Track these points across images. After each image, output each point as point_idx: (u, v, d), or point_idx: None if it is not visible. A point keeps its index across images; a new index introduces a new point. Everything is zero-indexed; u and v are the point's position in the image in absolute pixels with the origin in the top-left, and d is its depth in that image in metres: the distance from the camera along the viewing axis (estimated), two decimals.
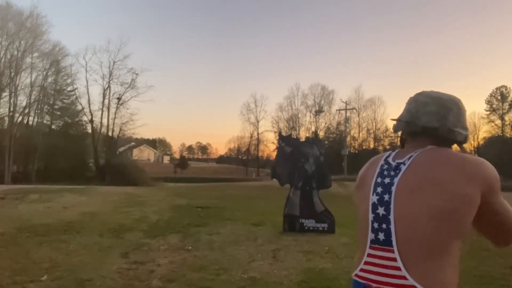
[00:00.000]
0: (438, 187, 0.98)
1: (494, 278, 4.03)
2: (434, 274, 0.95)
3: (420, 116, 1.13)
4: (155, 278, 3.83)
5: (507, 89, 45.72)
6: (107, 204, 9.88)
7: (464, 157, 1.04)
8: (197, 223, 7.28)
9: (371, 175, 1.16)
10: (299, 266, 4.39)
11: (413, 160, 1.07)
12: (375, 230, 1.06)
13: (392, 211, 1.03)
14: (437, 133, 1.12)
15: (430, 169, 1.02)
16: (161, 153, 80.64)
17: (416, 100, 1.18)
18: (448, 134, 1.12)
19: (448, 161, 1.03)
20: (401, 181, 1.05)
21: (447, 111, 1.13)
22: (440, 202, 0.97)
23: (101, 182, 25.30)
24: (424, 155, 1.07)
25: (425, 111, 1.13)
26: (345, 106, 44.50)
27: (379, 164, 1.17)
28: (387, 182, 1.08)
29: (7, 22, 29.99)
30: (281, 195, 7.90)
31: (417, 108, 1.15)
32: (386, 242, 1.02)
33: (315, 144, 7.14)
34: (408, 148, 1.15)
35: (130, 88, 35.70)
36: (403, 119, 1.18)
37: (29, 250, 4.78)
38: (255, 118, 56.32)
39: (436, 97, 1.16)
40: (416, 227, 0.98)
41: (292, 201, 6.71)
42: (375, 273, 1.02)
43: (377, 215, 1.06)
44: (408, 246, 0.98)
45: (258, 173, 54.38)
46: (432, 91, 1.20)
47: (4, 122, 31.93)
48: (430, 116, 1.12)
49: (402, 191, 1.03)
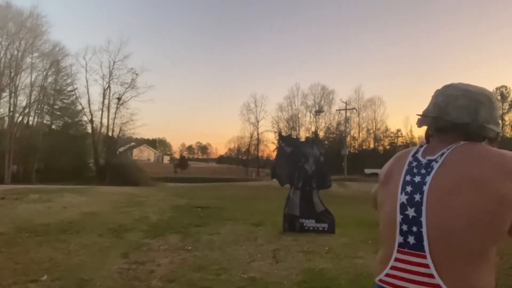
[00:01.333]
0: (476, 187, 0.90)
1: None
2: (471, 282, 0.89)
3: (450, 111, 1.05)
4: (155, 278, 3.83)
5: (507, 89, 45.77)
6: (107, 204, 9.87)
7: (502, 152, 0.96)
8: (197, 223, 7.28)
9: (398, 172, 1.08)
10: (299, 266, 4.38)
11: (446, 157, 1.00)
12: (404, 233, 0.98)
13: (425, 214, 0.95)
14: (467, 129, 1.04)
15: (466, 167, 0.94)
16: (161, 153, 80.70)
17: (445, 93, 1.10)
18: (480, 131, 1.04)
19: (484, 158, 0.95)
20: (434, 180, 0.97)
21: (479, 105, 1.05)
22: (480, 203, 0.89)
23: (101, 182, 25.31)
24: (457, 152, 0.99)
25: (455, 105, 1.05)
26: (345, 106, 44.56)
27: (407, 160, 1.09)
28: (417, 181, 1.00)
29: (7, 22, 30.01)
30: (281, 195, 7.90)
31: (446, 102, 1.07)
32: (416, 246, 0.95)
33: (315, 144, 7.14)
34: (437, 144, 1.07)
35: (130, 88, 35.85)
36: (430, 114, 1.10)
37: (29, 250, 4.77)
38: (255, 118, 56.49)
39: (466, 89, 1.07)
40: (453, 232, 0.90)
41: (292, 201, 6.71)
42: (404, 280, 0.95)
43: (407, 216, 0.98)
44: (443, 252, 0.91)
45: (258, 173, 54.39)
46: (462, 83, 1.11)
47: (4, 122, 31.96)
48: (461, 111, 1.04)
49: (436, 191, 0.95)
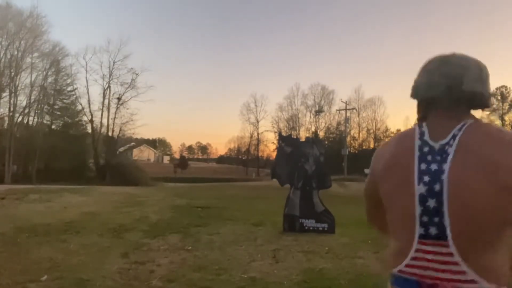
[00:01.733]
0: (494, 171, 0.88)
1: None
2: (492, 265, 0.90)
3: (466, 80, 1.01)
4: (155, 278, 3.83)
5: (507, 89, 45.77)
6: (107, 204, 9.87)
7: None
8: (197, 223, 7.28)
9: (407, 160, 1.01)
10: (299, 266, 4.39)
11: (460, 140, 0.95)
12: (424, 224, 0.95)
13: (446, 204, 0.92)
14: (480, 100, 1.03)
15: (482, 151, 0.91)
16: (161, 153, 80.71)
17: (453, 62, 1.05)
18: (488, 101, 1.04)
19: (500, 139, 0.93)
20: (452, 168, 0.93)
21: (487, 75, 1.04)
22: (498, 189, 0.87)
23: (101, 182, 25.31)
24: (471, 133, 0.96)
25: (469, 74, 1.02)
26: (345, 106, 44.56)
27: (415, 145, 1.02)
28: (434, 169, 0.95)
29: (7, 22, 29.99)
30: (281, 195, 7.90)
31: (458, 72, 1.02)
32: (439, 236, 0.93)
33: (315, 144, 7.14)
34: (444, 122, 1.02)
35: (130, 88, 35.80)
36: (441, 85, 1.03)
37: (29, 250, 4.78)
38: (255, 118, 56.45)
39: (473, 59, 1.06)
40: (476, 220, 0.89)
41: (292, 201, 6.71)
42: (429, 269, 0.94)
43: (427, 208, 0.95)
44: (466, 240, 0.90)
45: (258, 173, 54.40)
46: (459, 53, 1.08)
47: (4, 122, 31.94)
48: (475, 80, 1.02)
49: (455, 180, 0.92)
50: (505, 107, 45.83)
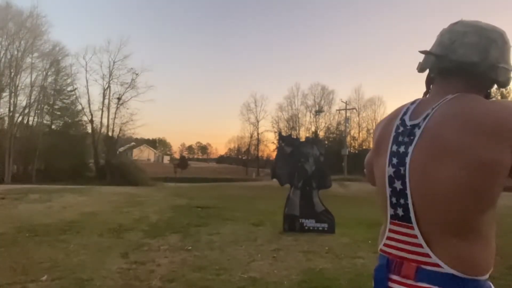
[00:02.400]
0: (455, 155, 0.84)
1: (493, 278, 3.97)
2: (460, 252, 0.87)
3: (456, 48, 0.94)
4: (155, 278, 3.83)
5: (507, 89, 45.76)
6: (107, 204, 9.87)
7: (488, 108, 0.86)
8: (197, 223, 7.28)
9: (386, 141, 1.00)
10: (299, 266, 4.39)
11: (428, 121, 0.91)
12: (393, 205, 0.96)
13: (408, 186, 0.92)
14: (476, 70, 0.93)
15: (445, 132, 0.87)
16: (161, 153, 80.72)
17: (452, 30, 0.98)
18: (490, 71, 0.93)
19: (467, 118, 0.85)
20: (416, 151, 0.91)
21: (490, 42, 0.93)
22: (459, 173, 0.83)
23: (101, 182, 25.30)
24: (440, 113, 0.90)
25: (463, 42, 0.94)
26: (345, 106, 44.55)
27: (395, 124, 1.00)
28: (401, 152, 0.94)
29: (7, 22, 30.01)
30: (281, 195, 7.90)
31: (452, 39, 0.95)
32: (405, 218, 0.94)
33: (315, 144, 7.14)
34: (433, 97, 0.98)
35: (130, 88, 35.87)
36: (432, 55, 0.98)
37: (29, 250, 4.77)
38: (255, 118, 56.40)
39: (476, 25, 0.96)
40: (436, 203, 0.88)
41: (292, 201, 6.71)
42: (397, 249, 0.97)
43: (394, 189, 0.96)
44: (429, 223, 0.90)
45: (258, 173, 54.37)
46: (472, 20, 0.99)
47: (4, 122, 31.93)
48: (469, 48, 0.93)
49: (417, 163, 0.91)
50: None
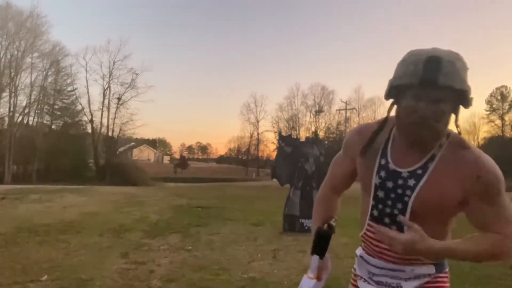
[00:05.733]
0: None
1: (493, 278, 4.04)
2: None
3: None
4: (155, 278, 3.83)
5: (507, 89, 45.74)
6: (107, 204, 9.87)
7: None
8: (197, 223, 7.28)
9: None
10: (299, 266, 4.39)
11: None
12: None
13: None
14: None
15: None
16: (161, 153, 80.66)
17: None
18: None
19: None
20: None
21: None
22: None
23: (101, 182, 25.31)
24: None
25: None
26: (345, 106, 44.57)
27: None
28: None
29: (7, 22, 30.03)
30: (281, 195, 7.90)
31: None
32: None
33: (315, 144, 7.14)
34: None
35: (130, 88, 35.87)
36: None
37: (29, 250, 4.77)
38: (255, 118, 56.41)
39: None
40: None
41: (292, 201, 6.71)
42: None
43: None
44: None
45: (258, 173, 54.38)
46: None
47: (4, 122, 31.96)
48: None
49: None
50: (505, 107, 45.80)
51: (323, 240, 1.28)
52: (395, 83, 1.02)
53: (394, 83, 1.03)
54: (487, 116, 46.64)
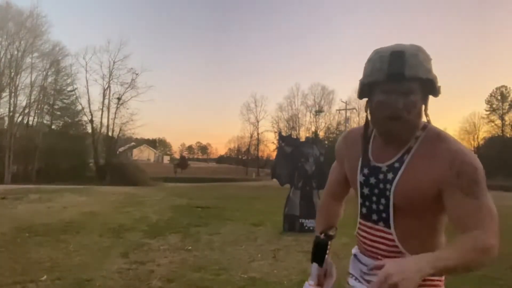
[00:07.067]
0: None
1: (493, 278, 4.03)
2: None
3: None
4: (155, 278, 3.83)
5: (507, 89, 45.74)
6: (107, 204, 9.87)
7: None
8: (197, 223, 7.28)
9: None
10: (299, 266, 4.39)
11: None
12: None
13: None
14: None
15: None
16: (161, 153, 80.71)
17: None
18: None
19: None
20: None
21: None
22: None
23: (101, 182, 25.31)
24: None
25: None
26: (345, 106, 44.56)
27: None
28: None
29: (7, 22, 30.04)
30: (281, 195, 7.90)
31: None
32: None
33: (315, 144, 7.15)
34: None
35: (130, 88, 35.87)
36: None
37: (29, 250, 4.77)
38: (255, 118, 56.43)
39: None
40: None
41: (292, 201, 6.71)
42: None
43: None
44: None
45: (258, 173, 54.39)
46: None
47: (4, 122, 31.96)
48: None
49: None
50: (505, 107, 45.79)
51: (320, 248, 1.31)
52: (364, 81, 1.06)
53: (364, 82, 1.06)
54: (487, 116, 46.68)
